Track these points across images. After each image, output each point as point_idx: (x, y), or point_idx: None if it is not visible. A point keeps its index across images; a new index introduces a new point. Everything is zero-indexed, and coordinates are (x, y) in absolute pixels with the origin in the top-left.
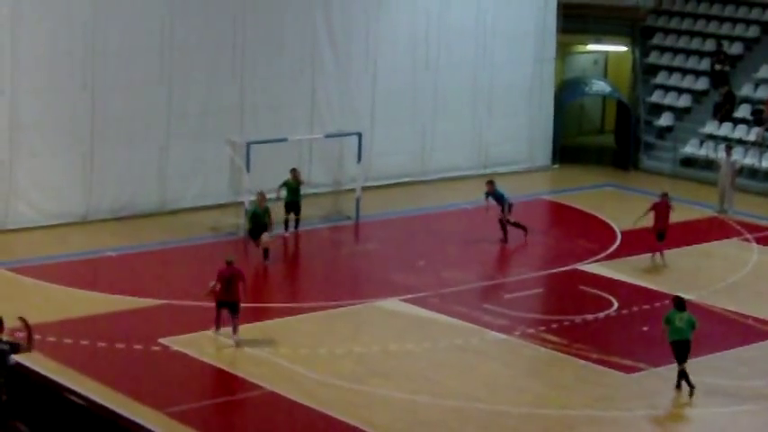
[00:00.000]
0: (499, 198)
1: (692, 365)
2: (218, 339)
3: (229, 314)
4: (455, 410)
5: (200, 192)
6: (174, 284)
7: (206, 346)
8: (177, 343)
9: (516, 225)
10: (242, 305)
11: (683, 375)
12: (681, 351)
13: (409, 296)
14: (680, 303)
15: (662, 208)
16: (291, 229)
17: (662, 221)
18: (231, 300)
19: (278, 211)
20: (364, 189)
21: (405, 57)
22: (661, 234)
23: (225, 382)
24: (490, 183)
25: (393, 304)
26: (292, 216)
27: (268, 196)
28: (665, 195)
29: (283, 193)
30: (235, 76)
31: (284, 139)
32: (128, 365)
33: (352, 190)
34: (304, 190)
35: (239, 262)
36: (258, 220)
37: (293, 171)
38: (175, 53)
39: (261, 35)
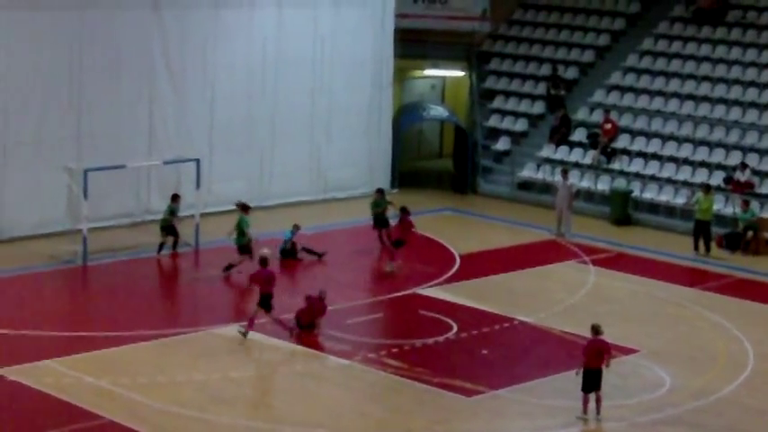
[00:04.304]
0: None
1: (533, 387)
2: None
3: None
4: None
5: (38, 220)
6: (10, 313)
7: (44, 375)
8: (14, 373)
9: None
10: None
11: None
12: None
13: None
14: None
15: (407, 222)
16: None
17: (406, 233)
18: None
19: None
20: (204, 215)
21: (242, 84)
22: (400, 242)
23: (64, 412)
24: None
25: (233, 331)
26: (170, 239)
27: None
28: (405, 210)
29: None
30: (72, 105)
31: (123, 166)
32: None
33: (192, 216)
34: (142, 217)
35: (73, 290)
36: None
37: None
38: (10, 82)
39: (97, 64)
